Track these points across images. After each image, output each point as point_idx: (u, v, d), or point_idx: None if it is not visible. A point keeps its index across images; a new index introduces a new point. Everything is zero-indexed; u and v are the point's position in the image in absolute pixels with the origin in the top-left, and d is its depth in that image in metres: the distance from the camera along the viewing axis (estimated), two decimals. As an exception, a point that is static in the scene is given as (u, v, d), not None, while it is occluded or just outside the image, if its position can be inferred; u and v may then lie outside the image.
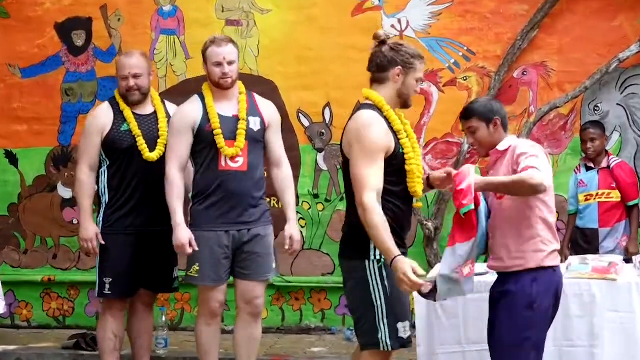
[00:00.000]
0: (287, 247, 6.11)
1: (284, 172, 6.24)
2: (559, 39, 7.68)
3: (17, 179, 8.45)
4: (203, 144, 5.99)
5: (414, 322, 5.49)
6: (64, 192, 8.30)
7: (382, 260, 4.75)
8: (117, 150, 6.28)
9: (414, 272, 4.52)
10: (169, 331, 7.72)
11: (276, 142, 6.22)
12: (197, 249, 5.92)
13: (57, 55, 8.32)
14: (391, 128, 4.86)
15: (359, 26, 7.85)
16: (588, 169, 7.30)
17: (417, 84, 4.97)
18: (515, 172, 4.76)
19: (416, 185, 4.89)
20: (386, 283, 4.80)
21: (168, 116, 6.38)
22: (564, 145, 7.73)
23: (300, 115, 8.01)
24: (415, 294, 4.87)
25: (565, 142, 7.72)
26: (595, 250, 7.02)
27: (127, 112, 6.32)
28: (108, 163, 6.32)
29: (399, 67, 4.90)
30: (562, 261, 6.70)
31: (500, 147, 4.97)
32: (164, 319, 7.54)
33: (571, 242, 7.40)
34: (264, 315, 7.04)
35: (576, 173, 7.38)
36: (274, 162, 6.23)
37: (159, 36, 8.18)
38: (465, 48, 7.79)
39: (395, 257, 4.56)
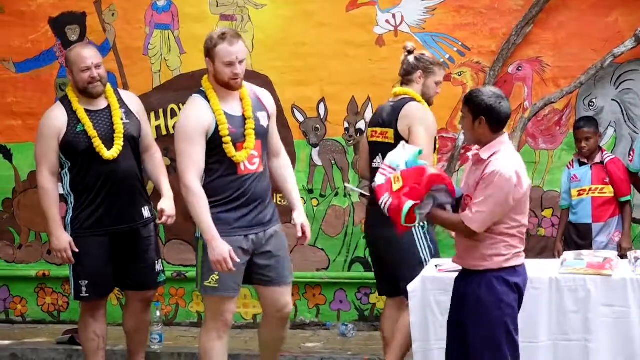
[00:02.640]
0: (299, 234, 5.83)
1: (284, 160, 6.01)
2: (553, 34, 7.67)
3: (11, 174, 8.45)
4: (218, 149, 5.62)
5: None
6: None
7: (426, 225, 5.98)
8: (75, 152, 6.14)
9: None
10: (163, 326, 7.74)
11: (274, 132, 5.94)
12: (237, 260, 5.56)
13: (51, 50, 8.30)
14: None
15: (354, 21, 7.86)
16: (581, 164, 7.30)
17: (437, 86, 6.22)
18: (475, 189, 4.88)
19: None
20: (430, 244, 6.09)
21: (124, 106, 6.26)
22: (558, 141, 7.73)
23: (295, 110, 8.00)
24: None
25: (560, 137, 7.73)
26: (589, 246, 7.03)
27: (81, 112, 6.15)
28: (69, 165, 6.19)
29: (420, 71, 6.15)
30: (555, 256, 6.77)
31: (484, 154, 4.94)
32: (158, 314, 7.56)
33: (564, 237, 7.41)
34: (258, 310, 7.02)
35: (569, 168, 7.38)
36: (273, 152, 5.93)
37: (153, 31, 8.15)
38: (460, 43, 7.79)
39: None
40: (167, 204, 6.19)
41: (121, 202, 6.19)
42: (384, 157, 5.16)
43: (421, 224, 5.65)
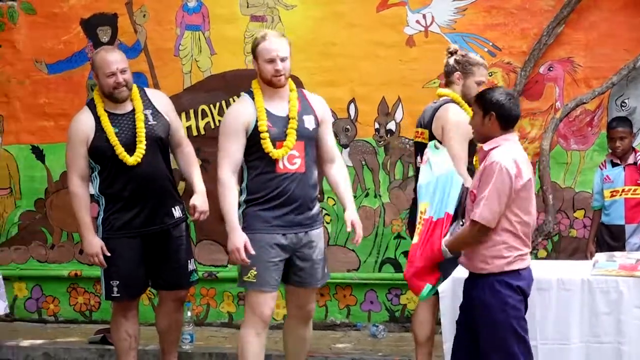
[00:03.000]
0: (348, 229, 5.89)
1: (338, 165, 6.09)
2: (585, 34, 7.62)
3: (43, 174, 8.48)
4: (258, 146, 5.77)
5: (439, 319, 5.70)
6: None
7: None
8: (103, 157, 6.17)
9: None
10: (194, 327, 7.76)
11: (328, 138, 6.06)
12: (252, 252, 5.70)
13: (83, 51, 8.31)
14: None
15: (384, 22, 7.84)
16: (614, 165, 7.24)
17: (478, 86, 6.20)
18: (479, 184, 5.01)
19: None
20: None
21: (150, 107, 6.26)
22: (590, 142, 7.67)
23: (325, 111, 7.99)
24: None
25: (592, 138, 7.67)
26: (621, 247, 6.97)
27: (104, 119, 6.16)
28: (99, 168, 6.22)
29: (458, 72, 6.27)
30: (587, 257, 6.74)
31: (486, 146, 5.03)
32: (189, 314, 7.57)
33: (596, 238, 7.35)
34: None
35: (601, 169, 7.33)
36: (328, 158, 6.05)
37: (184, 32, 8.15)
38: (491, 44, 7.75)
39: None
40: (199, 199, 6.20)
41: (151, 204, 6.20)
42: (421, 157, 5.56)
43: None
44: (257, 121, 5.76)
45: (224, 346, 7.64)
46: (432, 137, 6.13)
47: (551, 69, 7.69)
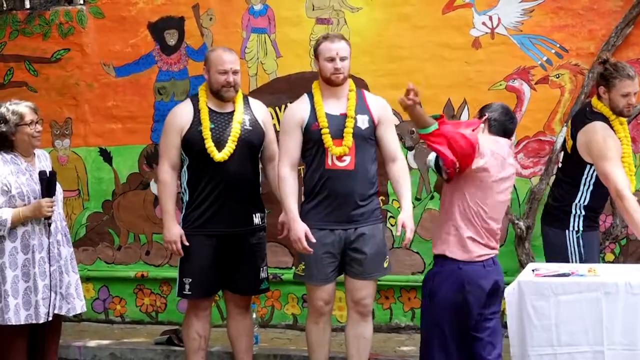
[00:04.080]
0: (398, 232, 6.01)
1: (398, 165, 6.19)
2: (655, 35, 7.50)
3: (111, 176, 8.56)
4: (311, 143, 6.05)
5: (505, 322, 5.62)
6: (157, 190, 8.33)
7: (580, 230, 6.23)
8: (193, 150, 6.26)
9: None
10: (259, 328, 7.79)
11: (389, 138, 6.20)
12: (314, 240, 5.93)
13: (150, 54, 8.39)
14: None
15: (450, 24, 7.80)
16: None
17: (624, 98, 6.19)
18: None
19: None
20: (581, 250, 6.23)
21: (249, 113, 6.35)
22: (659, 145, 7.54)
23: (391, 113, 7.97)
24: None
25: (662, 141, 7.53)
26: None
27: (204, 112, 6.28)
28: (188, 162, 6.31)
29: (602, 86, 6.26)
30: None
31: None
32: (254, 316, 7.57)
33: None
34: None
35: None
36: (388, 157, 6.19)
37: (250, 35, 8.18)
38: (558, 45, 7.65)
39: None
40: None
41: (232, 206, 6.27)
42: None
43: (576, 228, 6.28)
44: (311, 118, 6.03)
45: (289, 348, 7.65)
46: (574, 149, 6.36)
47: (620, 70, 7.54)
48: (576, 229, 6.30)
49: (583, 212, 6.34)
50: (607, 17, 7.56)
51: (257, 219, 6.41)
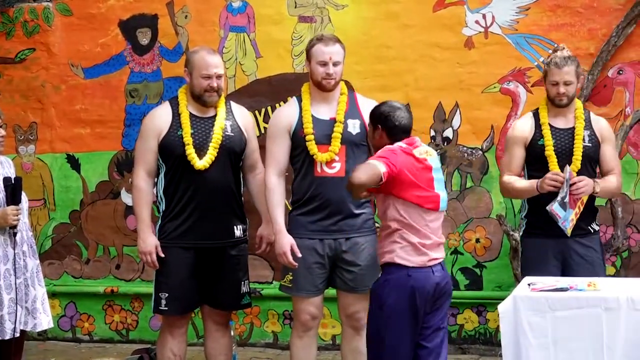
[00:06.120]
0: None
1: None
2: (658, 35, 7.42)
3: (79, 184, 8.44)
4: (299, 149, 5.94)
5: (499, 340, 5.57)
6: (128, 199, 8.18)
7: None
8: (171, 156, 6.08)
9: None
10: (237, 347, 7.51)
11: None
12: (299, 255, 5.82)
13: (121, 54, 8.29)
14: None
15: (441, 22, 7.70)
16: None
17: (553, 87, 6.07)
18: None
19: None
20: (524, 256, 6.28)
21: (232, 119, 6.20)
22: (662, 150, 7.49)
23: (378, 117, 7.76)
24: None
25: (664, 146, 7.48)
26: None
27: (184, 117, 6.10)
28: (165, 169, 6.13)
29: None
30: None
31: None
32: (232, 333, 7.29)
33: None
34: (337, 331, 6.92)
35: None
36: None
37: (228, 34, 8.07)
38: (556, 45, 7.35)
39: None
40: (268, 230, 6.19)
41: (210, 217, 6.10)
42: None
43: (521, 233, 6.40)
44: (298, 123, 5.93)
45: (269, 368, 7.48)
46: None
47: (621, 72, 7.44)
48: (521, 233, 6.45)
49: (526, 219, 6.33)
50: (608, 16, 7.45)
51: (238, 231, 6.24)
